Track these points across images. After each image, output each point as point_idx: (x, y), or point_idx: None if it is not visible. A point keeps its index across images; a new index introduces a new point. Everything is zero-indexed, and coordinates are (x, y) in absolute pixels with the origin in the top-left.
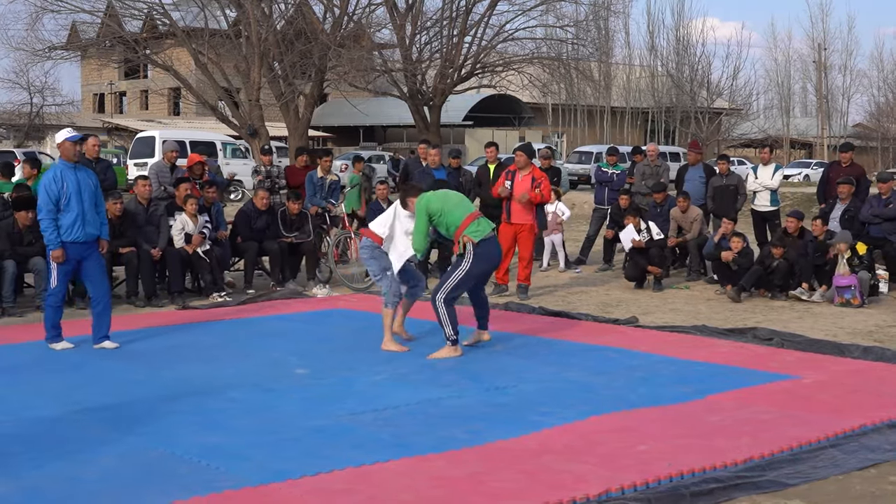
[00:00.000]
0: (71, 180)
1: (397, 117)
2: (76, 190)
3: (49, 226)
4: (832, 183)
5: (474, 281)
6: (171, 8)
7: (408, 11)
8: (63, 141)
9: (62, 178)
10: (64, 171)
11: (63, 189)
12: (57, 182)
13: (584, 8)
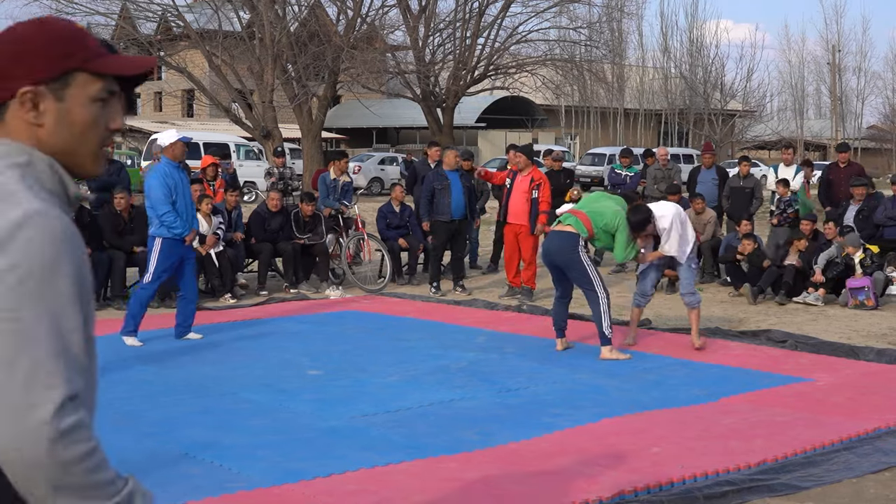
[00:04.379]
0: (177, 179)
1: (410, 119)
2: (182, 191)
3: (174, 218)
4: (833, 184)
5: None
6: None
7: (421, 13)
8: (177, 141)
9: (171, 176)
10: (170, 169)
11: (172, 187)
12: (168, 178)
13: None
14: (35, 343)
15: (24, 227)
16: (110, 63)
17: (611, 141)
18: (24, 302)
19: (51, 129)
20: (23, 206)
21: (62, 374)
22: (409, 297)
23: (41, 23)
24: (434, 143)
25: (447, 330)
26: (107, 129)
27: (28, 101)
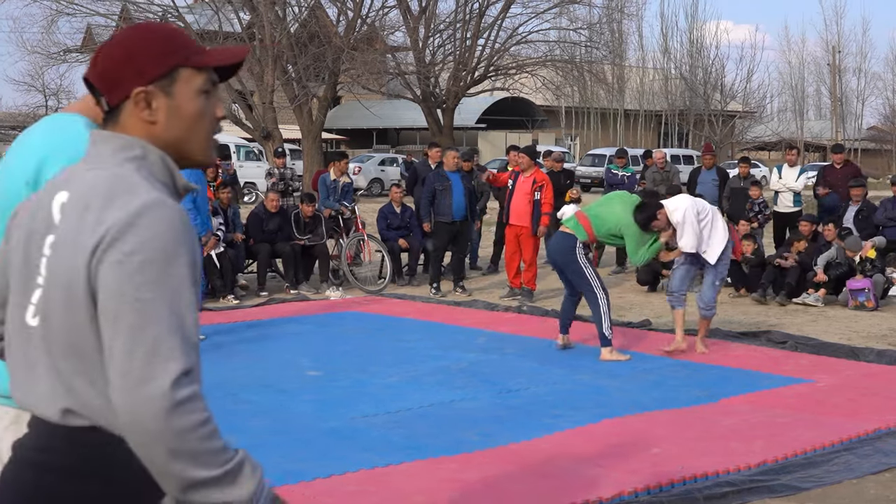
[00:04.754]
0: (194, 179)
1: (410, 120)
2: (202, 191)
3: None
4: (829, 186)
5: None
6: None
7: (421, 14)
8: None
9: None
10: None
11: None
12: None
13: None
14: (155, 321)
15: (145, 215)
16: (210, 56)
17: (611, 142)
18: (146, 284)
19: (164, 124)
20: (143, 196)
21: (179, 350)
22: (409, 298)
23: (141, 27)
24: (434, 143)
25: (447, 331)
26: (213, 118)
27: (142, 100)
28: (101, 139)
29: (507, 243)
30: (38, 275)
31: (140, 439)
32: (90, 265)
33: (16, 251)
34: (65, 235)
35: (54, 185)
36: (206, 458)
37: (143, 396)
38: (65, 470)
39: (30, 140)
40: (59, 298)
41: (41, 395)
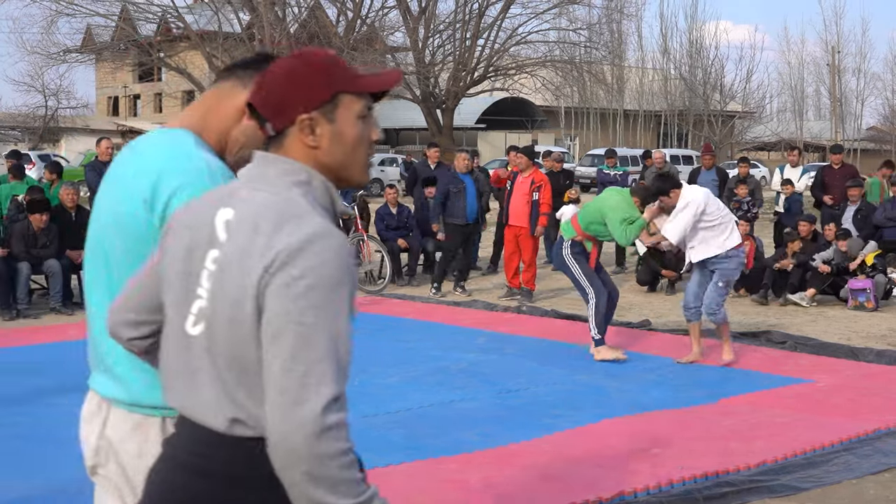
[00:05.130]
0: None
1: (410, 120)
2: None
3: None
4: (827, 186)
5: None
6: (185, 11)
7: (421, 14)
8: None
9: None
10: None
11: None
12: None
13: (597, 11)
14: (314, 346)
15: (315, 243)
16: (367, 82)
17: (610, 142)
18: (310, 309)
19: (326, 149)
20: (312, 224)
21: (333, 376)
22: (409, 298)
23: (303, 56)
24: (433, 144)
25: (447, 331)
26: (370, 141)
27: (306, 126)
28: (266, 161)
29: (505, 243)
30: (199, 286)
31: (285, 458)
32: (259, 286)
33: (175, 261)
34: (232, 253)
35: (215, 200)
36: (343, 486)
37: (295, 417)
38: (226, 477)
39: (143, 158)
40: (225, 313)
41: (205, 404)
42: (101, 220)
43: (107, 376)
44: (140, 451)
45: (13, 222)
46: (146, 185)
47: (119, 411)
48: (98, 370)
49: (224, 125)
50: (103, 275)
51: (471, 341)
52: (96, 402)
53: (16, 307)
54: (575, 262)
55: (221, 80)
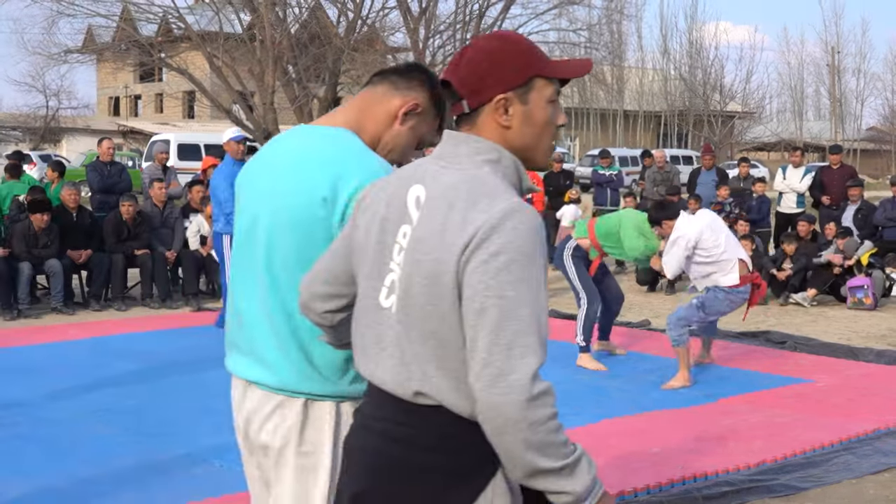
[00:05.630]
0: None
1: None
2: None
3: None
4: (826, 186)
5: None
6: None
7: (421, 15)
8: (228, 141)
9: (230, 175)
10: (233, 168)
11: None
12: (231, 176)
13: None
14: (516, 318)
15: (510, 219)
16: (560, 67)
17: (610, 142)
18: (510, 283)
19: (517, 130)
20: (505, 201)
21: (536, 346)
22: None
23: (503, 38)
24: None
25: None
26: (556, 125)
27: (501, 106)
28: (458, 140)
29: None
30: (391, 260)
31: (497, 427)
32: (459, 261)
33: (369, 235)
34: (426, 230)
35: (406, 177)
36: (552, 449)
37: (503, 387)
38: (412, 442)
39: (317, 155)
40: (420, 288)
41: (394, 373)
42: (265, 207)
43: (253, 360)
44: (276, 430)
45: (14, 222)
46: (324, 182)
47: (262, 393)
48: (241, 354)
49: (378, 128)
50: (260, 261)
51: None
52: (241, 387)
53: (17, 307)
54: (573, 265)
55: (374, 84)
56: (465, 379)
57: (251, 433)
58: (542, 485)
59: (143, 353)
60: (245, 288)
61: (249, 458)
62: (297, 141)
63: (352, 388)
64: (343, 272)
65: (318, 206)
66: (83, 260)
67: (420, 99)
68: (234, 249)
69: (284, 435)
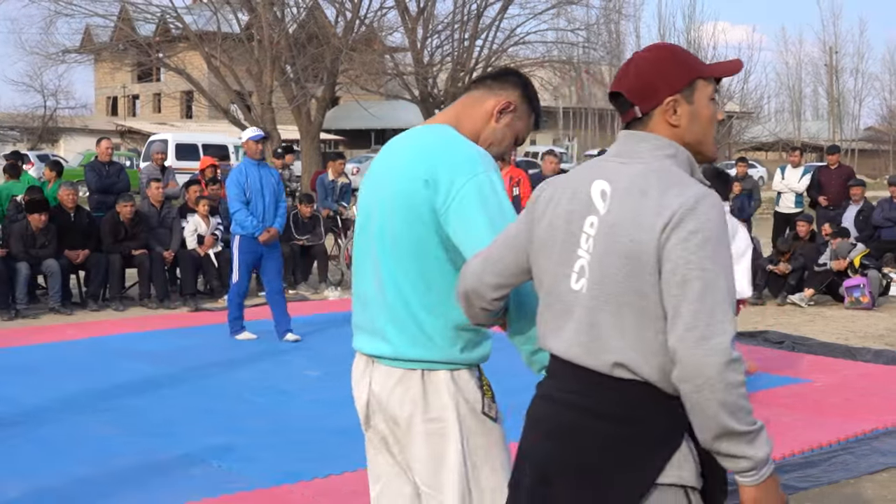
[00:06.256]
0: (254, 177)
1: (408, 121)
2: (258, 187)
3: (245, 216)
4: (824, 186)
5: None
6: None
7: (419, 15)
8: (246, 140)
9: (246, 173)
10: (248, 167)
11: (246, 183)
12: (241, 175)
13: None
14: (715, 290)
15: (702, 202)
16: (717, 68)
17: (609, 142)
18: (707, 258)
19: (686, 127)
20: (695, 187)
21: (731, 316)
22: None
23: (664, 47)
24: None
25: None
26: (717, 120)
27: (671, 107)
28: (637, 138)
29: None
30: (579, 248)
31: (697, 385)
32: (659, 240)
33: (552, 228)
34: (620, 216)
35: (586, 174)
36: (741, 414)
37: (705, 349)
38: (610, 415)
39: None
40: (617, 268)
41: (587, 349)
42: (375, 197)
43: (375, 337)
44: (402, 401)
45: (12, 222)
46: (426, 168)
47: (383, 367)
48: (365, 333)
49: (475, 126)
50: (374, 243)
51: None
52: (363, 363)
53: (14, 307)
54: None
55: (472, 90)
56: (658, 350)
57: (378, 406)
58: (726, 447)
59: (141, 354)
60: (363, 270)
61: (375, 430)
62: (406, 137)
63: (463, 356)
64: (514, 263)
65: (421, 188)
66: (81, 260)
67: (512, 98)
68: (356, 238)
69: (410, 405)
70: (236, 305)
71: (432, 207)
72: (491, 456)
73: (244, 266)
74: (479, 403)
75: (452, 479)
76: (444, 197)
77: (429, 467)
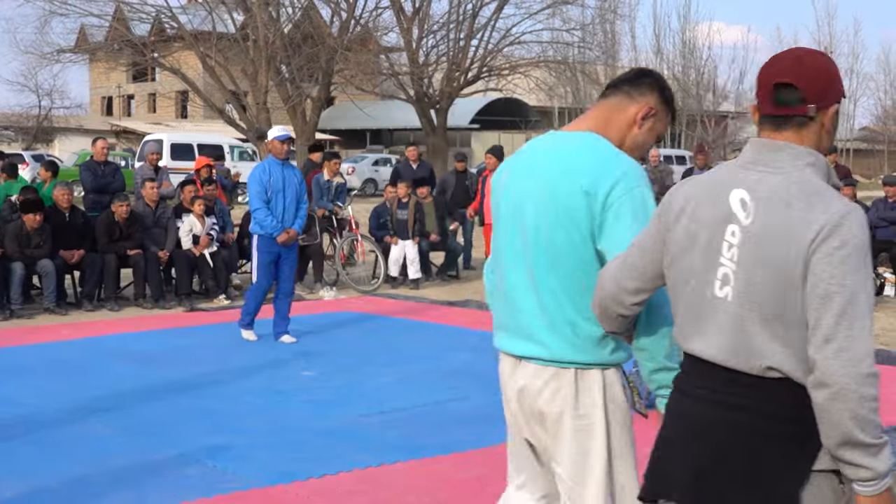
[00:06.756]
0: (277, 176)
1: (404, 120)
2: (280, 187)
3: (265, 215)
4: None
5: None
6: (179, 11)
7: (414, 15)
8: (272, 140)
9: (269, 172)
10: (272, 165)
11: (269, 182)
12: (264, 174)
13: (591, 11)
14: (856, 304)
15: (847, 218)
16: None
17: None
18: (849, 273)
19: (825, 137)
20: (839, 201)
21: (869, 330)
22: (402, 298)
23: (827, 56)
24: (412, 143)
25: (441, 331)
26: None
27: (834, 113)
28: (773, 147)
29: (485, 242)
30: (721, 256)
31: (832, 394)
32: (807, 253)
33: (691, 236)
34: (766, 227)
35: (721, 183)
36: (869, 427)
37: (842, 361)
38: (757, 411)
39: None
40: (763, 279)
41: (732, 352)
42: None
43: (524, 338)
44: (552, 399)
45: (7, 222)
46: (586, 180)
47: (532, 366)
48: (512, 334)
49: (620, 134)
50: (528, 248)
51: (464, 341)
52: (510, 364)
53: (9, 307)
54: None
55: (608, 95)
56: (803, 354)
57: (526, 404)
58: (850, 456)
59: (136, 354)
60: (515, 274)
61: (522, 426)
62: (556, 143)
63: (613, 356)
64: (652, 269)
65: (581, 199)
66: (76, 260)
67: (653, 102)
68: (503, 241)
69: (561, 402)
70: (254, 301)
71: (590, 218)
72: (626, 454)
73: (262, 266)
74: (627, 401)
75: (595, 475)
76: (601, 208)
77: (574, 461)
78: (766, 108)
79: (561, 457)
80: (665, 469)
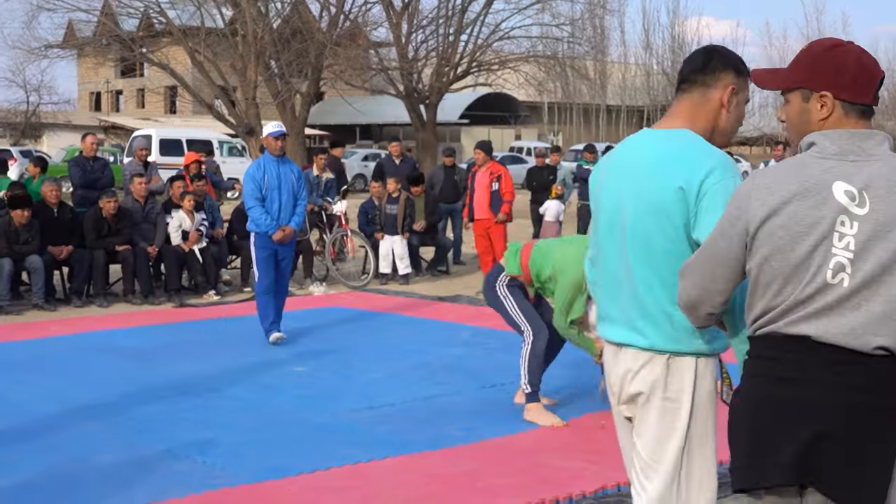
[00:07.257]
0: (272, 173)
1: (393, 116)
2: (276, 184)
3: (259, 213)
4: None
5: None
6: (167, 6)
7: (404, 10)
8: (266, 136)
9: (264, 169)
10: (267, 162)
11: (264, 179)
12: (259, 170)
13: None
14: None
15: None
16: None
17: (593, 137)
18: None
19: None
20: None
21: None
22: (392, 293)
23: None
24: (396, 138)
25: (431, 326)
26: None
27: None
28: (859, 136)
29: (476, 239)
30: (833, 246)
31: None
32: None
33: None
34: (883, 214)
35: (817, 178)
36: None
37: None
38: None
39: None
40: (888, 264)
41: (849, 333)
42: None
43: (625, 327)
44: (644, 381)
45: None
46: (681, 176)
47: (633, 352)
48: (614, 324)
49: (710, 121)
50: (626, 244)
51: (455, 336)
52: (612, 352)
53: None
54: (509, 294)
55: (685, 90)
56: None
57: (625, 386)
58: None
59: (126, 350)
60: (614, 267)
61: (623, 408)
62: (651, 141)
63: (707, 346)
64: (735, 271)
65: (676, 194)
66: (64, 256)
67: (730, 80)
68: (604, 236)
69: (652, 384)
70: (262, 303)
71: (685, 212)
72: (706, 444)
73: (261, 263)
74: (717, 391)
75: (670, 457)
76: (696, 200)
77: (655, 438)
78: (870, 98)
79: (643, 430)
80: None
